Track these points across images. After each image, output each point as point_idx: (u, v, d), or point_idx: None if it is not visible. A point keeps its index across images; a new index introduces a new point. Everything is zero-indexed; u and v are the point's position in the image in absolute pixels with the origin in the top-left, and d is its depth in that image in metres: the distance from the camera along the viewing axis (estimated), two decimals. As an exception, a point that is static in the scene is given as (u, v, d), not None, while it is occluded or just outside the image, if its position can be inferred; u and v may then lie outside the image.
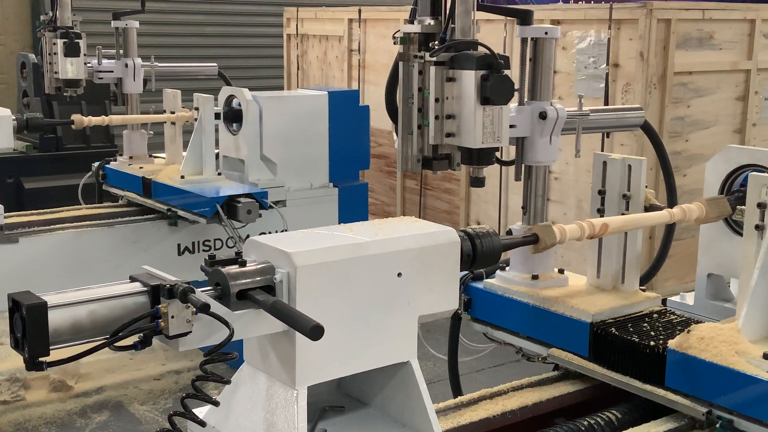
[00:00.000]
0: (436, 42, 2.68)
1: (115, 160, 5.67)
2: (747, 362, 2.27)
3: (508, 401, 2.58)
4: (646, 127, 3.32)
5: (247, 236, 4.97)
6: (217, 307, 1.87)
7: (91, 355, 1.79)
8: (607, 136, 5.90)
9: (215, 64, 6.23)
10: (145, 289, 1.84)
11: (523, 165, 2.95)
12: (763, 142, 6.35)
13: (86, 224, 4.94)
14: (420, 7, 2.78)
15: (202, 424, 1.89)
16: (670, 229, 3.21)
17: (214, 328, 1.88)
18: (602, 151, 5.94)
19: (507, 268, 2.94)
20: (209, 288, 1.95)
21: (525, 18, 2.90)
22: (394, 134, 2.80)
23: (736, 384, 2.27)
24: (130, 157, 5.61)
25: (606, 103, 5.86)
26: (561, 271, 2.95)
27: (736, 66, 6.21)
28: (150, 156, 5.70)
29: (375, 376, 2.20)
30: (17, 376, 5.02)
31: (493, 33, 6.38)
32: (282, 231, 4.95)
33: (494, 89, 2.58)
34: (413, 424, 2.16)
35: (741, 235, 2.82)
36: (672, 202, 3.24)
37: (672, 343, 2.42)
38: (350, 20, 8.07)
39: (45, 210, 5.18)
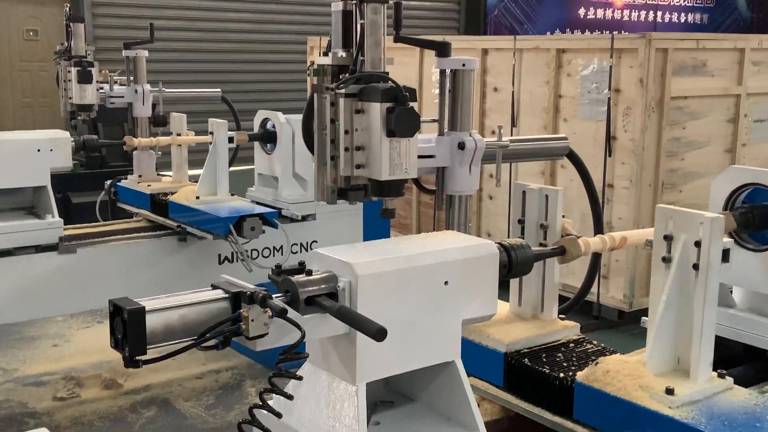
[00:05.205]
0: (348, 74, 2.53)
1: (126, 179, 5.76)
2: (650, 397, 2.17)
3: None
4: (572, 156, 3.18)
5: (256, 250, 5.10)
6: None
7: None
8: (610, 155, 5.99)
9: (219, 90, 6.39)
10: (227, 295, 1.93)
11: (444, 194, 2.84)
12: (753, 160, 6.44)
13: (135, 236, 5.06)
14: (333, 39, 2.62)
15: (278, 415, 1.97)
16: (596, 258, 3.07)
17: (285, 330, 1.96)
18: (604, 168, 6.04)
19: None
20: (279, 295, 2.04)
21: (442, 50, 2.79)
22: (314, 165, 2.65)
23: (638, 419, 2.15)
24: (140, 176, 5.69)
25: (608, 125, 5.95)
26: None
27: (727, 91, 6.30)
28: (158, 174, 5.78)
29: (421, 374, 2.28)
30: (72, 375, 5.11)
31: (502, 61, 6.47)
32: (290, 246, 5.08)
33: (399, 122, 2.42)
34: (458, 417, 2.24)
35: (746, 248, 2.89)
36: (599, 230, 3.13)
37: (579, 376, 2.32)
38: (369, 48, 8.17)
39: (96, 223, 5.32)
